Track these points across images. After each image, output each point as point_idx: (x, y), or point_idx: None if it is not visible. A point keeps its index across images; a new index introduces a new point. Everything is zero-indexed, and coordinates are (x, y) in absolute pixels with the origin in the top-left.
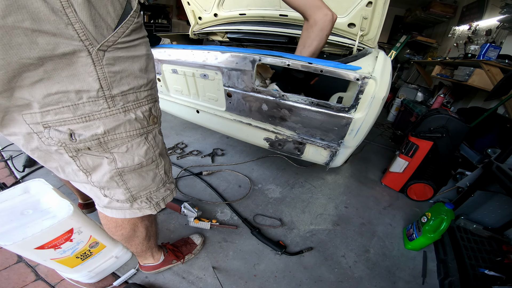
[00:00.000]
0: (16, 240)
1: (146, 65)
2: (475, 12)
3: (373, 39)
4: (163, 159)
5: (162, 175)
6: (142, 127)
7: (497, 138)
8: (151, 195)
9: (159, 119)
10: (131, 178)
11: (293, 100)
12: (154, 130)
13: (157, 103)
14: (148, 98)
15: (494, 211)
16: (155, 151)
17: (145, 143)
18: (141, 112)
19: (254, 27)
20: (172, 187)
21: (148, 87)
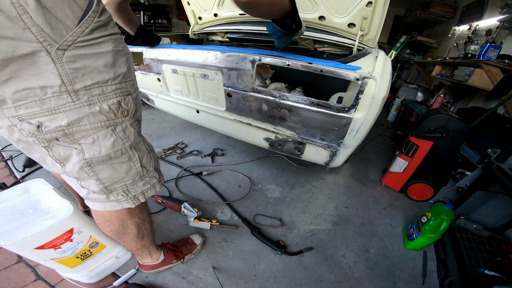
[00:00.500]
0: (16, 240)
1: (114, 60)
2: (475, 12)
3: (373, 39)
4: (138, 152)
5: (138, 168)
6: (107, 119)
7: (497, 138)
8: (127, 188)
9: (133, 113)
10: (102, 169)
11: (293, 100)
12: (124, 123)
13: (130, 97)
14: (116, 91)
15: (494, 211)
16: (124, 143)
17: (112, 135)
18: (107, 105)
19: (254, 27)
20: (153, 182)
21: (116, 81)
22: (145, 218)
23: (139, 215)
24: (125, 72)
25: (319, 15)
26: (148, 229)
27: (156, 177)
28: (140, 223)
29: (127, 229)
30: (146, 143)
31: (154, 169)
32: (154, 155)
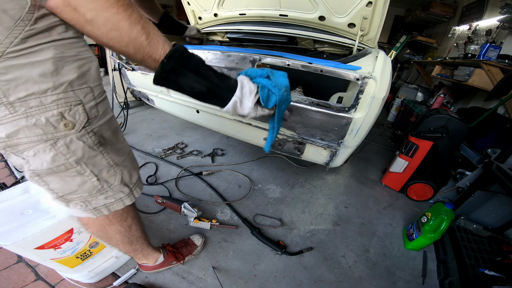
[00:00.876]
0: (16, 240)
1: (55, 68)
2: (475, 12)
3: (373, 39)
4: (91, 167)
5: (94, 182)
6: (44, 133)
7: (497, 138)
8: (85, 200)
9: (82, 125)
10: (52, 180)
11: (293, 100)
12: (68, 136)
13: (81, 106)
14: (58, 102)
15: (494, 211)
16: (68, 158)
17: (51, 149)
18: (45, 117)
19: (254, 27)
20: (120, 196)
21: (58, 91)
22: (130, 226)
23: (120, 223)
24: (73, 79)
25: (319, 15)
26: (137, 235)
27: (125, 191)
28: (123, 231)
29: (107, 234)
30: (110, 156)
31: (122, 183)
32: (121, 168)
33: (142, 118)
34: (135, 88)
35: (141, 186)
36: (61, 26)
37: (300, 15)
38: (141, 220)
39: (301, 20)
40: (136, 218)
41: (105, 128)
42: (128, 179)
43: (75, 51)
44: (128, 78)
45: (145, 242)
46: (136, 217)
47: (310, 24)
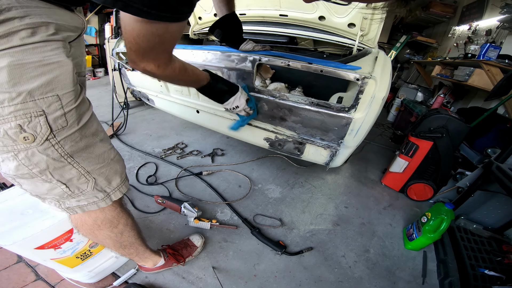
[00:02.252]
0: (16, 240)
1: (12, 77)
2: (475, 12)
3: (373, 39)
4: (57, 177)
5: (64, 189)
6: (4, 145)
7: (497, 138)
8: (58, 201)
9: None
10: (23, 183)
11: (293, 100)
12: (29, 149)
13: (43, 118)
14: (16, 114)
15: (494, 211)
16: (31, 169)
17: (14, 160)
18: (3, 129)
19: (254, 27)
20: (93, 200)
21: (16, 101)
22: (122, 232)
23: (110, 229)
24: (33, 88)
25: (319, 15)
26: (130, 240)
27: (99, 196)
28: (114, 236)
29: (97, 238)
30: (82, 165)
31: (96, 189)
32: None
33: (142, 118)
34: (135, 88)
35: (124, 188)
36: (26, 30)
37: (300, 15)
38: (135, 226)
39: (301, 20)
40: (129, 225)
41: (76, 137)
42: (104, 184)
43: (38, 56)
44: (128, 78)
45: (140, 247)
46: (129, 223)
47: (310, 24)
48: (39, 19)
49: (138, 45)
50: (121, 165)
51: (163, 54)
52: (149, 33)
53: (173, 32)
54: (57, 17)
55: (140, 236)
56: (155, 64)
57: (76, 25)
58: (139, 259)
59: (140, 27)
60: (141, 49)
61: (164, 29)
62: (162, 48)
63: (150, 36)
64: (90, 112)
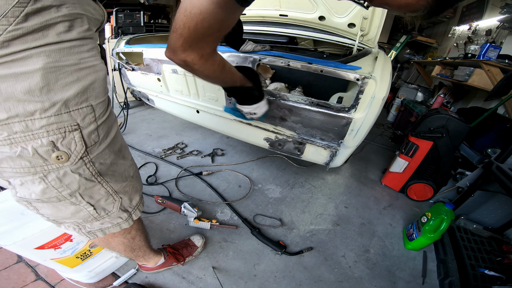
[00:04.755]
0: (16, 240)
1: (46, 82)
2: (475, 12)
3: (373, 39)
4: (87, 198)
5: (90, 211)
6: (32, 166)
7: (497, 138)
8: (79, 225)
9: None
10: (42, 207)
11: (293, 100)
12: (62, 169)
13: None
14: (49, 128)
15: (494, 211)
16: (60, 192)
17: (41, 183)
18: (32, 147)
19: (254, 27)
20: (117, 221)
21: (49, 113)
22: (134, 237)
23: (123, 235)
24: (69, 97)
25: (319, 15)
26: (140, 244)
27: (123, 217)
28: (126, 242)
29: (110, 245)
30: (110, 185)
31: (121, 209)
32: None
33: (142, 118)
34: (135, 88)
35: (142, 207)
36: (63, 23)
37: (300, 15)
38: (145, 230)
39: (301, 20)
40: (140, 230)
41: (107, 153)
42: (128, 203)
43: (75, 58)
44: (128, 78)
45: (147, 249)
46: (140, 228)
47: (310, 24)
48: (75, 9)
49: (195, 31)
50: (139, 182)
51: (213, 44)
52: (216, 17)
53: (234, 18)
54: (86, 8)
55: (148, 238)
56: (199, 54)
57: (98, 17)
58: (143, 259)
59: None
60: (195, 35)
61: (229, 14)
62: (216, 35)
63: (214, 21)
64: (116, 124)
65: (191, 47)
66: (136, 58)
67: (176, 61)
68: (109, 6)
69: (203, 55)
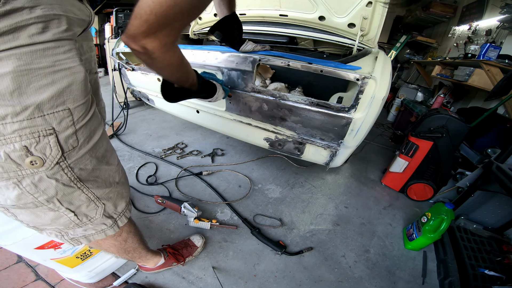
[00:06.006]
0: (16, 240)
1: (17, 86)
2: (475, 12)
3: (373, 39)
4: (67, 204)
5: (71, 218)
6: (4, 171)
7: (497, 138)
8: (61, 231)
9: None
10: (20, 213)
11: (293, 100)
12: (36, 175)
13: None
14: (22, 132)
15: (494, 211)
16: (37, 197)
17: (15, 188)
18: (5, 152)
19: (254, 27)
20: (102, 228)
21: (21, 117)
22: (125, 239)
23: (114, 238)
24: (43, 100)
25: (319, 15)
26: (133, 246)
27: (107, 223)
28: (118, 244)
29: (101, 247)
30: (92, 191)
31: (105, 215)
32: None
33: (142, 118)
34: (135, 88)
35: (128, 213)
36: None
37: (300, 15)
38: (138, 232)
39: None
40: (132, 232)
41: (87, 158)
42: (112, 210)
43: (50, 60)
44: (128, 78)
45: (142, 251)
46: (132, 230)
47: (310, 24)
48: (51, 10)
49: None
50: (126, 188)
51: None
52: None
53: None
54: (67, 8)
55: (142, 240)
56: (162, 42)
57: (83, 17)
58: (141, 260)
59: None
60: (162, 21)
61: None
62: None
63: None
64: (101, 128)
65: (155, 34)
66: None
67: (134, 47)
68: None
69: (166, 44)
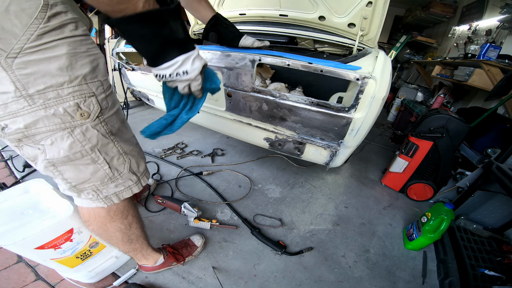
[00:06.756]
0: (16, 240)
1: (69, 63)
2: (475, 12)
3: (373, 39)
4: (103, 155)
5: (106, 170)
6: (63, 122)
7: (497, 138)
8: (97, 189)
9: (96, 114)
10: (66, 169)
11: (293, 100)
12: (84, 125)
13: (94, 98)
14: (74, 94)
15: (494, 211)
16: (84, 145)
17: (69, 137)
18: (63, 108)
19: (254, 27)
20: (129, 184)
21: (73, 84)
22: (131, 224)
23: (121, 220)
24: (86, 73)
25: (319, 15)
26: (137, 233)
27: (133, 179)
28: (124, 228)
29: (108, 232)
30: (120, 144)
31: (131, 171)
32: (130, 157)
33: (142, 118)
34: (135, 88)
35: (148, 175)
36: (72, 24)
37: (300, 15)
38: (141, 219)
39: (301, 20)
40: (136, 217)
41: (114, 118)
42: (136, 167)
43: (85, 47)
44: (128, 78)
45: (144, 242)
46: (136, 215)
47: (310, 24)
48: (75, 15)
49: None
50: (143, 153)
51: None
52: None
53: None
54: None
55: (144, 230)
56: None
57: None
58: (142, 256)
59: None
60: None
61: None
62: None
63: None
64: (118, 103)
65: None
66: (136, 58)
67: None
68: None
69: None
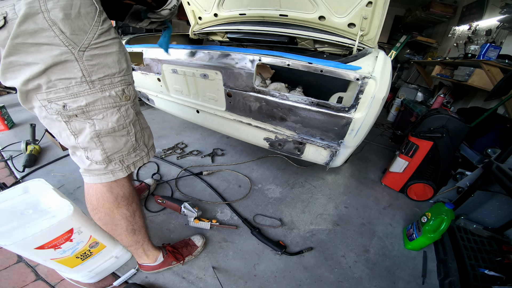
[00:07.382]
0: (16, 240)
1: (118, 58)
2: (475, 12)
3: (373, 39)
4: (134, 128)
5: (133, 141)
6: (114, 102)
7: (497, 138)
8: (123, 158)
9: (133, 98)
10: (107, 140)
11: (293, 100)
12: (127, 104)
13: (131, 86)
14: (121, 81)
15: (494, 211)
16: (125, 119)
17: (117, 113)
18: (115, 91)
19: (254, 27)
20: (142, 154)
21: (121, 74)
22: (135, 212)
23: (126, 207)
24: (126, 67)
25: (319, 15)
26: (140, 224)
27: (145, 151)
28: (129, 216)
29: (114, 219)
30: (141, 122)
31: (144, 143)
32: (145, 132)
33: None
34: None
35: (154, 150)
36: (113, 28)
37: (300, 15)
38: (143, 210)
39: (301, 20)
40: (139, 206)
41: (137, 103)
42: (147, 141)
43: (123, 47)
44: None
45: (146, 235)
46: (139, 205)
47: (310, 24)
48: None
49: None
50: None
51: None
52: None
53: None
54: None
55: (146, 222)
56: None
57: None
58: (142, 251)
59: None
60: None
61: None
62: None
63: None
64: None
65: None
66: (136, 58)
67: None
68: None
69: None
